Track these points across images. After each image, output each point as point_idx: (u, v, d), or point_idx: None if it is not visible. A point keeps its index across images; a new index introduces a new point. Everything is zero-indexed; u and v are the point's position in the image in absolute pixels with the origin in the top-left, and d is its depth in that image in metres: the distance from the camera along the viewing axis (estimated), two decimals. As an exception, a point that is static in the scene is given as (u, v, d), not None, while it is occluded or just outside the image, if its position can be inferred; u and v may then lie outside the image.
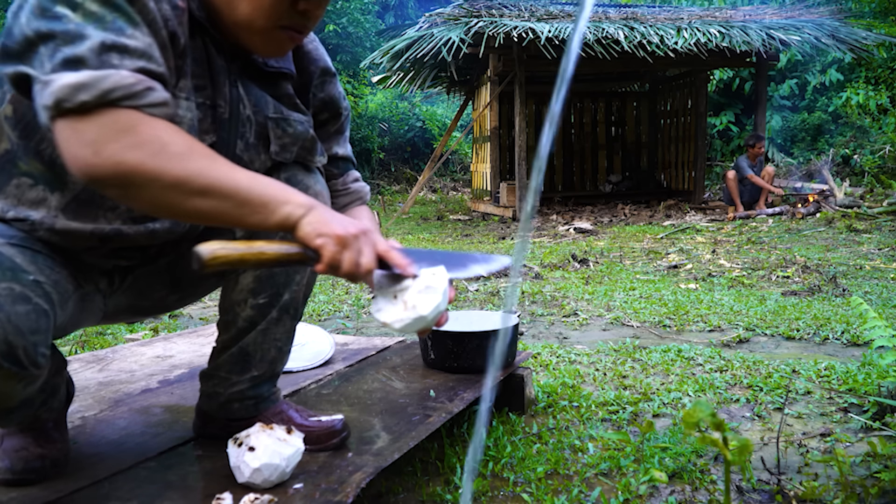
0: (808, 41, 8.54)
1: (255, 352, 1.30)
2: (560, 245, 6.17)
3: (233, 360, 1.30)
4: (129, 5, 0.94)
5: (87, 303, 1.18)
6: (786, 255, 5.10)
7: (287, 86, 1.24)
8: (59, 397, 1.24)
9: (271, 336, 1.30)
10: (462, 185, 14.08)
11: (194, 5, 1.05)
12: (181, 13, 1.02)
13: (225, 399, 1.32)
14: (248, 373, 1.30)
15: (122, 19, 0.92)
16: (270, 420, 1.32)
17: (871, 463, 1.49)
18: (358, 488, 1.11)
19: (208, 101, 1.10)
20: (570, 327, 3.10)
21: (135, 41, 0.92)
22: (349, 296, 3.94)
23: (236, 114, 1.15)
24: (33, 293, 0.98)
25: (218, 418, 1.34)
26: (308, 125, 1.26)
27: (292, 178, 1.23)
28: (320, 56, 1.32)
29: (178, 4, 1.01)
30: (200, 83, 1.09)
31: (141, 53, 0.93)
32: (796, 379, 2.14)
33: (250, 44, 1.09)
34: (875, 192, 9.11)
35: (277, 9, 1.03)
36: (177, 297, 1.34)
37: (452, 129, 9.90)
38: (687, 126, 10.62)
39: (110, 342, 2.78)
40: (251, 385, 1.31)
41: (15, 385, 1.00)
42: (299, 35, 1.10)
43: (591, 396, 1.99)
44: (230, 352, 1.30)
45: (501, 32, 7.78)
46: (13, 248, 1.02)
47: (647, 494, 1.40)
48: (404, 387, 1.67)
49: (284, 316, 1.31)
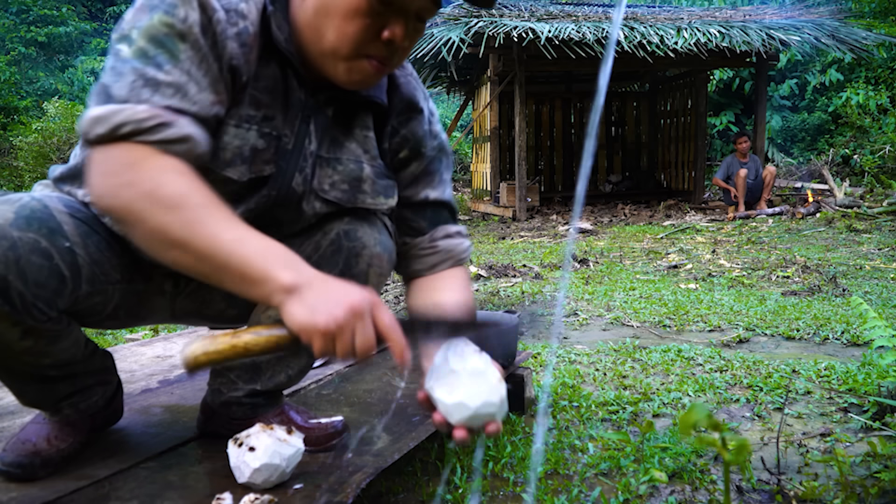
0: (808, 41, 8.54)
1: (267, 371, 1.31)
2: (560, 245, 6.17)
3: (244, 368, 1.31)
4: (178, 41, 0.96)
5: (146, 300, 1.21)
6: (786, 255, 5.10)
7: (368, 119, 1.21)
8: (90, 402, 1.27)
9: (285, 363, 1.32)
10: (462, 185, 14.06)
11: (283, 37, 1.06)
12: (249, 50, 1.04)
13: (225, 399, 1.34)
14: (253, 385, 1.32)
15: (165, 55, 0.95)
16: (271, 421, 1.32)
17: (871, 463, 1.49)
18: (358, 489, 1.11)
19: (275, 132, 1.10)
20: (570, 327, 3.10)
21: (170, 76, 0.95)
22: (349, 296, 3.94)
23: (300, 147, 1.14)
24: (58, 255, 1.02)
25: (219, 414, 1.36)
26: (364, 164, 1.19)
27: (351, 233, 1.19)
28: (410, 91, 1.25)
29: (247, 42, 1.03)
30: (270, 113, 1.09)
31: (175, 90, 0.95)
32: (796, 379, 2.14)
33: (335, 73, 1.06)
34: (875, 192, 9.11)
35: (362, 37, 1.02)
36: (235, 313, 1.33)
37: (452, 129, 9.90)
38: (687, 126, 10.62)
39: (110, 342, 2.78)
40: (249, 395, 1.33)
41: (9, 328, 1.03)
42: (384, 67, 1.07)
43: (591, 396, 1.99)
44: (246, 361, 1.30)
45: (501, 32, 7.78)
46: (69, 218, 1.06)
47: (647, 494, 1.40)
48: (404, 387, 1.67)
49: (303, 351, 1.29)
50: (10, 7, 16.30)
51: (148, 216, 0.87)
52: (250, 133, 1.08)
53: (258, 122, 1.08)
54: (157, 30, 0.96)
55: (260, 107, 1.08)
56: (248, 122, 1.08)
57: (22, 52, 15.49)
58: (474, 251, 5.83)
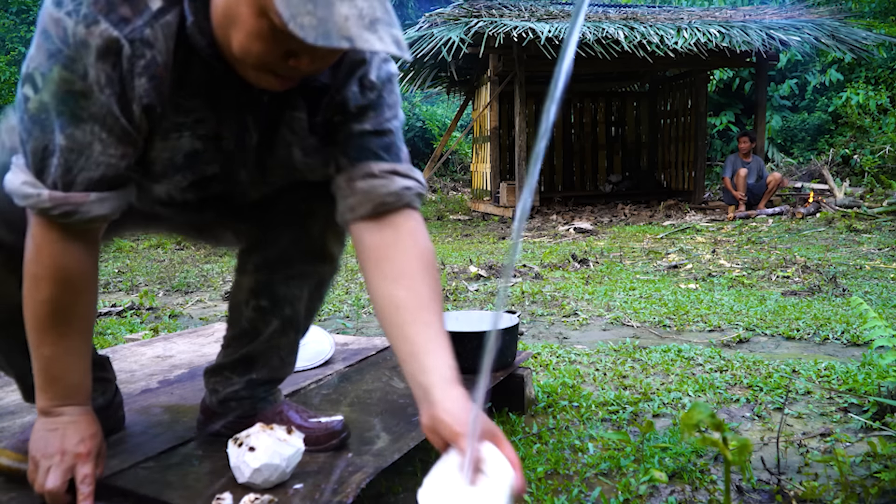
0: (808, 41, 8.54)
1: (259, 358, 1.34)
2: (560, 245, 6.17)
3: (236, 362, 1.34)
4: (80, 99, 0.96)
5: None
6: (786, 255, 5.10)
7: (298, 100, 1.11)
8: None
9: (275, 345, 1.34)
10: (462, 185, 14.06)
11: (204, 43, 0.99)
12: (159, 82, 0.99)
13: (223, 397, 1.35)
14: (248, 375, 1.34)
15: (66, 116, 0.96)
16: (270, 420, 1.33)
17: (871, 463, 1.49)
18: (358, 488, 1.11)
19: (210, 133, 1.08)
20: (570, 327, 3.10)
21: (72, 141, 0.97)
22: (349, 296, 3.94)
23: (241, 144, 1.12)
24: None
25: (218, 414, 1.36)
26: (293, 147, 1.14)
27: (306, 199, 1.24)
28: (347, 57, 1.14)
29: (156, 74, 0.98)
30: (201, 116, 1.06)
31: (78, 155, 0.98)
32: (796, 379, 2.14)
33: (245, 75, 1.00)
34: (875, 192, 9.11)
35: (266, 59, 0.94)
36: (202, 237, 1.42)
37: (452, 129, 9.90)
38: (687, 126, 10.62)
39: (110, 342, 2.78)
40: (247, 386, 1.35)
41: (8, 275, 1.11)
42: (293, 82, 1.02)
43: (591, 396, 1.99)
44: (236, 356, 1.34)
45: (501, 32, 7.77)
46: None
47: (647, 494, 1.40)
48: (404, 387, 1.67)
49: (288, 328, 1.33)
50: (10, 7, 16.31)
51: (28, 292, 1.05)
52: (182, 140, 1.05)
53: (190, 127, 1.05)
54: (57, 86, 0.94)
55: (189, 113, 1.04)
56: (179, 130, 1.04)
57: (22, 52, 15.50)
58: (474, 251, 5.83)
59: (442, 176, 14.86)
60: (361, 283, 4.27)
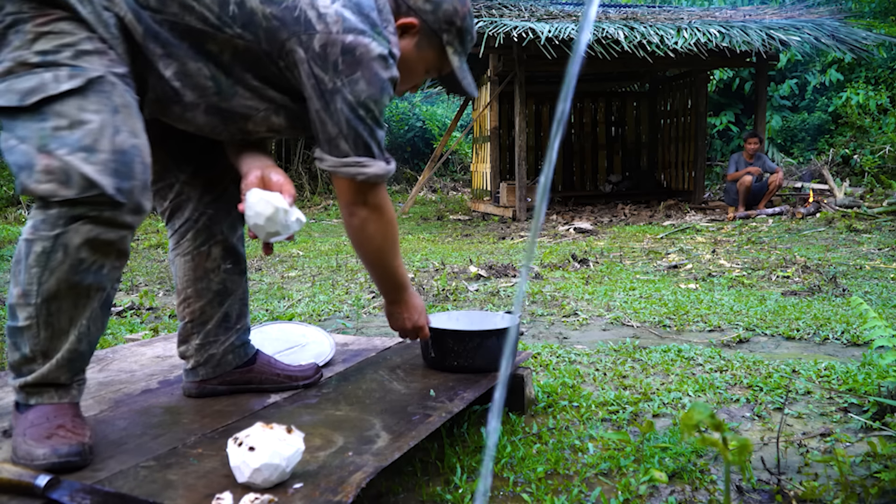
0: (808, 41, 8.53)
1: (232, 312, 1.61)
2: (560, 245, 6.17)
3: (218, 323, 1.59)
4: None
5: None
6: (786, 255, 5.10)
7: None
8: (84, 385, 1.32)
9: (238, 296, 1.62)
10: (462, 185, 14.06)
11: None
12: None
13: (221, 355, 1.58)
14: (234, 327, 1.61)
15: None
16: (262, 379, 1.61)
17: (871, 463, 1.50)
18: (358, 488, 1.11)
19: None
20: (570, 327, 3.10)
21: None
22: (349, 296, 3.94)
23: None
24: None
25: (214, 377, 1.59)
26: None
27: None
28: None
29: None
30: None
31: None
32: (796, 379, 2.14)
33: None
34: (875, 192, 9.11)
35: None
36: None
37: (452, 129, 9.90)
38: (687, 126, 10.62)
39: (110, 342, 2.78)
40: (238, 335, 1.62)
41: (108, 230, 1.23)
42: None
43: (591, 396, 1.99)
44: (215, 318, 1.58)
45: (501, 32, 7.78)
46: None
47: (647, 494, 1.40)
48: (404, 387, 1.67)
49: (243, 277, 1.64)
50: (10, 7, 16.29)
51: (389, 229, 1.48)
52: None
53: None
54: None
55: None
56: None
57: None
58: (474, 251, 5.83)
59: (442, 176, 14.86)
60: (361, 284, 4.27)
